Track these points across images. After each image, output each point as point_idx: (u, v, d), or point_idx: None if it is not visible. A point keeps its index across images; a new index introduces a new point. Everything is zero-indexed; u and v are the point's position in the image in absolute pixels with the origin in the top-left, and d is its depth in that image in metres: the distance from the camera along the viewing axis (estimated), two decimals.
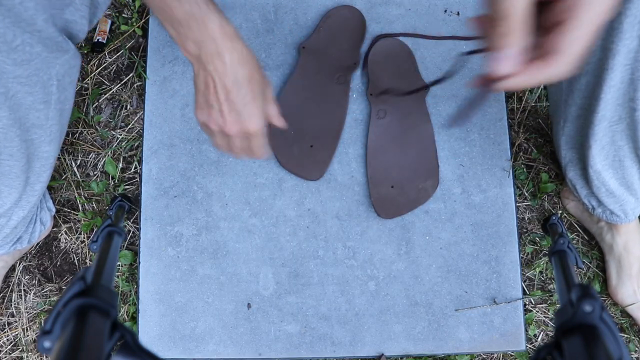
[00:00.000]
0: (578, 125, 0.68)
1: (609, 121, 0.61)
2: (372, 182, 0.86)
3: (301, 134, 0.87)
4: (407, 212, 0.86)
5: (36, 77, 0.56)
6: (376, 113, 0.87)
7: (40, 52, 0.54)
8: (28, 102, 0.57)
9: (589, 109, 0.63)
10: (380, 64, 0.89)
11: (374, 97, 0.88)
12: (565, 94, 0.66)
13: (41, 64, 0.55)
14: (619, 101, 0.58)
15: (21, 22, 0.49)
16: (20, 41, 0.50)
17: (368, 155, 0.87)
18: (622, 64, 0.54)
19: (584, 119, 0.65)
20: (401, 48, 0.90)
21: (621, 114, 0.60)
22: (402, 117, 0.88)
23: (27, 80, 0.55)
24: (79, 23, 0.57)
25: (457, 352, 0.84)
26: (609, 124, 0.62)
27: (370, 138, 0.87)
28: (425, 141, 0.88)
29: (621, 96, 0.57)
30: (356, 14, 0.90)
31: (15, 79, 0.53)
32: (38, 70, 0.55)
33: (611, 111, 0.60)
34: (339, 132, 0.88)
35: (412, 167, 0.87)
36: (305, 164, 0.87)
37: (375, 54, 0.89)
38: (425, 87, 0.84)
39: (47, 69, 0.57)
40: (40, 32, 0.52)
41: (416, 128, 0.88)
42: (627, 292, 0.84)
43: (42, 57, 0.55)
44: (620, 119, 0.60)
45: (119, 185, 0.92)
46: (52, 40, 0.54)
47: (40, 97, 0.58)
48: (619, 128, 0.62)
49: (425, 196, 0.86)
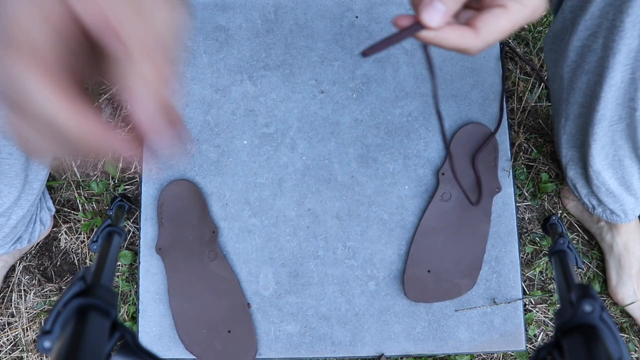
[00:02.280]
0: (579, 124, 0.68)
1: (609, 121, 0.61)
2: (411, 260, 0.84)
3: (212, 327, 0.82)
4: (433, 302, 0.83)
5: None
6: (441, 194, 0.85)
7: None
8: None
9: (589, 107, 0.63)
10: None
11: (444, 177, 0.85)
12: (567, 92, 0.66)
13: None
14: (618, 100, 0.58)
15: None
16: None
17: (418, 231, 0.85)
18: (622, 63, 0.54)
19: (585, 118, 0.65)
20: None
21: (621, 113, 0.60)
22: (466, 207, 0.85)
23: None
24: None
25: (457, 352, 0.84)
26: (609, 123, 0.62)
27: (425, 216, 0.85)
28: (477, 239, 0.85)
29: (621, 96, 0.57)
30: (183, 185, 0.86)
31: None
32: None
33: (611, 111, 0.60)
34: (243, 303, 0.84)
35: (455, 260, 0.84)
36: (233, 351, 0.82)
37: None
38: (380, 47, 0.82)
39: None
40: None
41: (474, 223, 0.85)
42: (627, 291, 0.84)
43: None
44: (620, 119, 0.60)
45: (119, 185, 0.92)
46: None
47: None
48: (618, 128, 0.62)
49: (457, 293, 0.84)
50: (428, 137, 0.89)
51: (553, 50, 0.65)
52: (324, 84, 0.91)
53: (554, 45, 0.65)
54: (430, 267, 0.84)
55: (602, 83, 0.57)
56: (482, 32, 0.34)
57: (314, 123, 0.90)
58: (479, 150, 0.86)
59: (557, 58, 0.64)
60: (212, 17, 0.94)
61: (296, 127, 0.90)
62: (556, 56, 0.65)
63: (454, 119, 0.89)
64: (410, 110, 0.90)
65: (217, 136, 0.90)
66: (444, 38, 0.33)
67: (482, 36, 0.33)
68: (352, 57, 0.92)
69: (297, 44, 0.92)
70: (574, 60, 0.61)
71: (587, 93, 0.62)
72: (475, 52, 0.34)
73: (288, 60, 0.92)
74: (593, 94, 0.60)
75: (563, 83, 0.66)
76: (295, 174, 0.89)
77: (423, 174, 0.88)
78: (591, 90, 0.61)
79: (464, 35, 0.33)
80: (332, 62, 0.92)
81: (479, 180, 0.85)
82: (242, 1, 0.94)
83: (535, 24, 0.96)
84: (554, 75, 0.69)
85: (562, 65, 0.63)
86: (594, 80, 0.59)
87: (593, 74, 0.59)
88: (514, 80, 0.94)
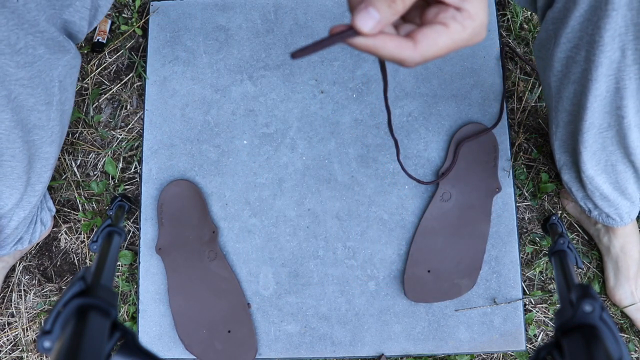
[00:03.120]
0: (569, 131, 0.68)
1: (598, 128, 0.61)
2: (411, 260, 0.84)
3: (212, 327, 0.82)
4: (433, 302, 0.83)
5: (38, 79, 0.56)
6: (441, 194, 0.85)
7: (43, 54, 0.54)
8: (30, 104, 0.57)
9: (577, 116, 0.63)
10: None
11: (443, 178, 0.85)
12: (555, 100, 0.66)
13: (43, 66, 0.55)
14: (606, 109, 0.58)
15: (24, 23, 0.49)
16: (23, 44, 0.50)
17: (418, 231, 0.85)
18: (605, 74, 0.54)
19: (574, 125, 0.65)
20: None
21: (609, 121, 0.59)
22: (465, 207, 0.85)
23: (29, 82, 0.55)
24: (78, 24, 0.57)
25: (457, 352, 0.84)
26: (598, 131, 0.62)
27: (425, 217, 0.85)
28: (477, 239, 0.85)
29: (608, 104, 0.57)
30: (183, 185, 0.86)
31: (17, 81, 0.53)
32: (40, 72, 0.55)
33: (599, 119, 0.60)
34: (243, 303, 0.83)
35: (455, 260, 0.84)
36: (233, 351, 0.82)
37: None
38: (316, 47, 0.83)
39: (49, 71, 0.57)
40: (43, 33, 0.52)
41: (474, 223, 0.85)
42: (625, 293, 0.84)
43: (45, 59, 0.55)
44: (609, 126, 0.60)
45: (119, 185, 0.92)
46: (54, 41, 0.54)
47: (42, 98, 0.58)
48: (608, 135, 0.62)
49: (457, 292, 0.83)
50: (428, 137, 0.89)
51: (540, 58, 0.65)
52: (324, 84, 0.91)
53: (540, 54, 0.65)
54: (430, 267, 0.84)
55: (587, 94, 0.57)
56: (421, 45, 0.33)
57: (314, 123, 0.90)
58: (467, 138, 0.86)
59: (545, 66, 0.64)
60: (212, 17, 0.94)
61: (296, 127, 0.90)
62: (544, 64, 0.65)
63: (454, 119, 0.89)
64: (410, 110, 0.90)
65: (217, 136, 0.90)
66: (380, 46, 0.33)
67: (420, 49, 0.33)
68: (352, 57, 0.92)
69: (297, 44, 0.92)
70: (559, 70, 0.61)
71: (575, 102, 0.62)
72: (411, 64, 0.34)
73: (288, 60, 0.92)
74: (580, 103, 0.60)
75: (552, 92, 0.66)
76: (295, 174, 0.89)
77: (423, 174, 0.88)
78: (578, 100, 0.61)
79: (401, 45, 0.33)
80: (332, 62, 0.92)
81: (452, 164, 0.86)
82: (242, 1, 0.94)
83: (535, 24, 0.96)
84: (543, 82, 0.69)
85: (549, 75, 0.63)
86: (579, 90, 0.59)
87: (578, 84, 0.59)
88: (514, 80, 0.94)
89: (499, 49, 0.92)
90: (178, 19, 0.94)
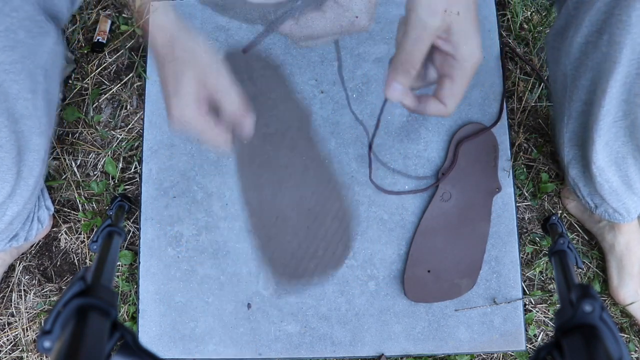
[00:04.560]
0: (582, 122, 0.68)
1: (614, 117, 0.61)
2: (411, 260, 0.84)
3: (302, 238, 0.78)
4: (433, 302, 0.84)
5: (21, 65, 0.56)
6: (441, 194, 0.85)
7: (24, 38, 0.54)
8: (14, 91, 0.57)
9: (593, 104, 0.63)
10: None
11: (444, 178, 0.85)
12: (570, 89, 0.66)
13: (26, 52, 0.55)
14: (623, 96, 0.58)
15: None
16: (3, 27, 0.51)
17: (417, 232, 0.85)
18: (628, 57, 0.54)
19: (588, 115, 0.65)
20: None
21: (625, 109, 0.60)
22: (465, 206, 0.85)
23: (11, 67, 0.55)
24: (58, 4, 0.57)
25: (457, 352, 0.84)
26: (613, 119, 0.62)
27: (425, 216, 0.85)
28: (477, 239, 0.85)
29: (626, 91, 0.57)
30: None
31: None
32: (23, 58, 0.55)
33: (616, 107, 0.60)
34: (341, 200, 0.81)
35: (455, 260, 0.84)
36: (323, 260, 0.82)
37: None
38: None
39: (33, 57, 0.57)
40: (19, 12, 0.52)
41: (474, 223, 0.85)
42: (629, 291, 0.84)
43: (27, 45, 0.55)
44: (625, 115, 0.60)
45: (119, 185, 0.92)
46: (31, 21, 0.54)
47: (27, 85, 0.58)
48: (623, 124, 0.62)
49: (457, 292, 0.83)
50: (428, 137, 0.89)
51: (555, 48, 0.65)
52: (324, 84, 0.91)
53: (555, 43, 0.65)
54: (430, 267, 0.84)
55: (607, 78, 0.57)
56: (448, 103, 0.48)
57: (313, 123, 0.90)
58: (467, 138, 0.86)
59: (560, 56, 0.64)
60: (212, 17, 0.94)
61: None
62: (558, 54, 0.65)
63: (454, 118, 0.89)
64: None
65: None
66: (426, 110, 0.49)
67: (449, 106, 0.48)
68: (352, 57, 0.92)
69: (297, 44, 0.92)
70: (577, 57, 0.61)
71: (591, 90, 0.62)
72: (449, 115, 0.49)
73: (288, 60, 0.92)
74: (597, 89, 0.61)
75: (566, 81, 0.66)
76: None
77: (423, 174, 0.88)
78: (594, 87, 0.61)
79: (437, 107, 0.48)
80: (332, 62, 0.92)
81: (452, 164, 0.86)
82: (242, 1, 0.94)
83: (535, 24, 0.96)
84: (555, 74, 0.69)
85: (565, 63, 0.63)
86: (597, 77, 0.59)
87: (596, 71, 0.59)
88: (514, 80, 0.94)
89: (499, 49, 0.92)
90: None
